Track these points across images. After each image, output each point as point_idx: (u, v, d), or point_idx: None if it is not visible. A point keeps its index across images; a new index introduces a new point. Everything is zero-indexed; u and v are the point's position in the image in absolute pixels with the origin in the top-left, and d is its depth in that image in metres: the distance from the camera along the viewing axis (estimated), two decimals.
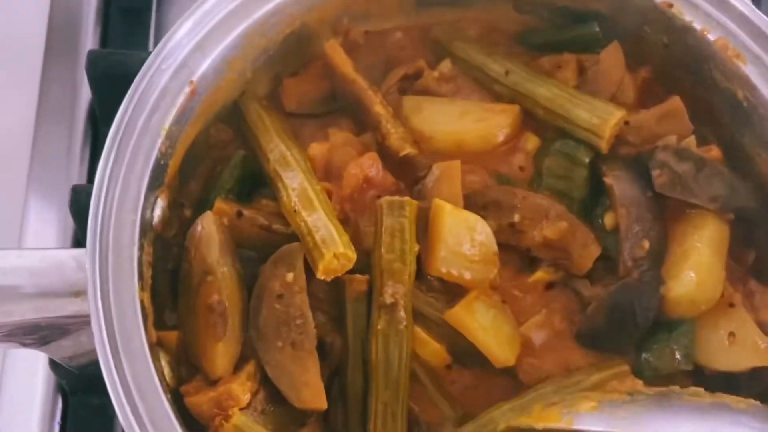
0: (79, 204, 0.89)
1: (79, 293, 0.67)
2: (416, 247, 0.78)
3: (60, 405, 0.91)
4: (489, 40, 0.92)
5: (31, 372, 0.91)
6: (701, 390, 0.68)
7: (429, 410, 0.76)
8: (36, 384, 0.90)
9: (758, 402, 0.68)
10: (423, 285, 0.80)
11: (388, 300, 0.74)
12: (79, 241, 0.97)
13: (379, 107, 0.85)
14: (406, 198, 0.79)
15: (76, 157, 1.03)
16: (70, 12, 1.09)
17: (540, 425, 0.67)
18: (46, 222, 0.98)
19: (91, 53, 0.97)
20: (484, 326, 0.77)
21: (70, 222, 0.97)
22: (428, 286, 0.80)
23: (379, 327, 0.74)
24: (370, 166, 0.81)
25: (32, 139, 1.04)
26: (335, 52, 0.87)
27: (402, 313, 0.74)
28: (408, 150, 0.83)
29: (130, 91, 0.72)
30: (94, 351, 0.65)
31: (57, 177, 1.02)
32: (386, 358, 0.73)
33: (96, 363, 0.65)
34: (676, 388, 0.68)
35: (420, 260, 0.80)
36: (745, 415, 0.64)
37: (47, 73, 1.06)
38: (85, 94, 1.05)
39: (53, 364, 0.86)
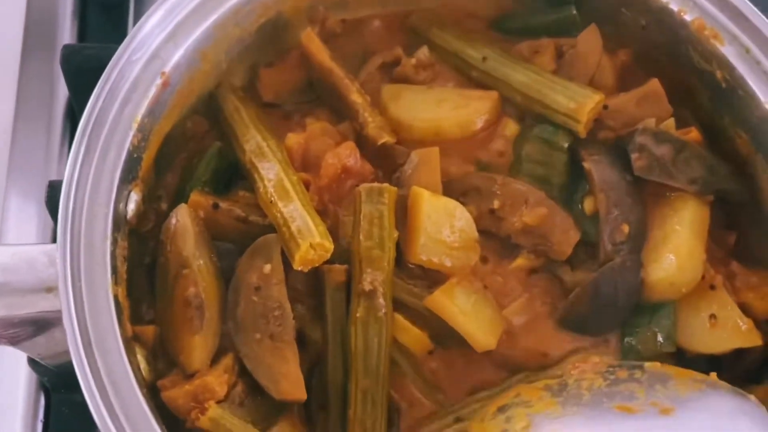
0: (55, 200, 0.87)
1: (51, 289, 0.67)
2: (395, 234, 0.77)
3: (43, 403, 0.90)
4: (466, 26, 0.91)
5: (13, 370, 0.90)
6: (650, 370, 0.66)
7: (409, 398, 0.76)
8: (18, 382, 0.90)
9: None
10: (403, 273, 0.79)
11: (367, 287, 0.74)
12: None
13: (356, 96, 0.84)
14: (385, 185, 0.78)
15: (54, 153, 1.02)
16: (48, 7, 1.08)
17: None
18: (26, 218, 0.97)
19: (65, 48, 0.96)
20: (465, 311, 0.76)
21: (50, 218, 0.96)
22: (409, 274, 0.80)
23: (358, 315, 0.74)
24: (348, 155, 0.81)
25: (11, 135, 1.03)
26: (311, 41, 0.86)
27: (381, 300, 0.74)
28: (386, 138, 0.83)
29: (100, 83, 0.71)
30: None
31: (36, 173, 1.01)
32: (366, 345, 0.73)
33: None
34: (623, 372, 0.66)
35: (400, 248, 0.79)
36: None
37: (25, 68, 1.05)
38: (63, 89, 1.04)
39: (32, 362, 0.85)
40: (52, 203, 0.88)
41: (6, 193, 1.00)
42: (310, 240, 0.72)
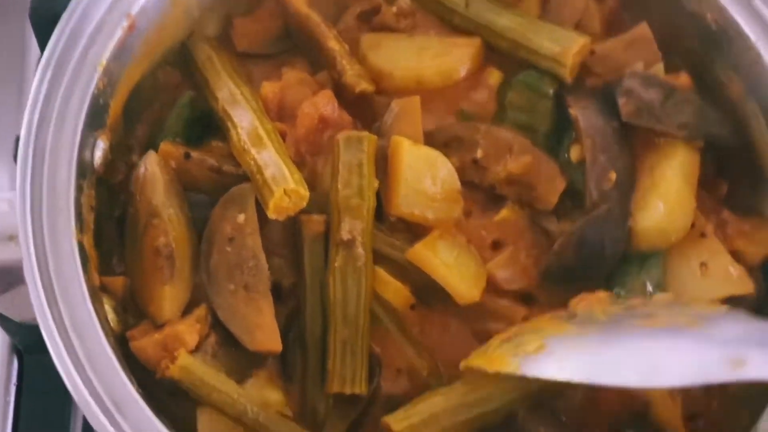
0: None
1: (13, 237, 0.64)
2: (375, 184, 0.75)
3: (16, 366, 0.88)
4: None
5: None
6: (662, 300, 0.62)
7: (392, 353, 0.73)
8: None
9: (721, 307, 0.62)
10: (385, 226, 0.77)
11: (345, 236, 0.71)
12: None
13: (333, 43, 0.82)
14: (365, 132, 0.76)
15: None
16: None
17: (492, 370, 0.62)
18: None
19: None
20: (447, 263, 0.74)
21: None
22: (390, 228, 0.77)
23: (336, 264, 0.71)
24: (326, 104, 0.78)
25: None
26: None
27: (360, 250, 0.71)
28: (364, 86, 0.80)
29: (60, 22, 0.69)
30: None
31: (6, 131, 0.98)
32: (344, 295, 0.70)
33: None
34: (638, 302, 0.61)
35: (381, 201, 0.77)
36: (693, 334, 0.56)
37: None
38: (35, 51, 1.01)
39: (1, 319, 0.82)
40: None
41: None
42: (285, 186, 0.69)
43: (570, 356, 0.57)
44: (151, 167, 0.72)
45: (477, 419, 0.68)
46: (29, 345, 0.86)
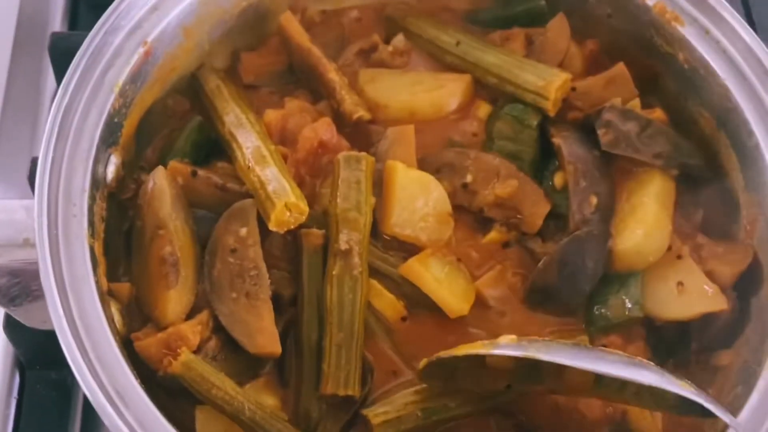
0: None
1: (28, 240, 0.68)
2: (372, 200, 0.79)
3: (17, 380, 0.90)
4: (440, 18, 0.95)
5: None
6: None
7: (382, 359, 0.76)
8: None
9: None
10: (379, 244, 0.81)
11: (343, 246, 0.75)
12: None
13: (333, 75, 0.87)
14: (363, 153, 0.81)
15: (40, 142, 1.04)
16: (39, 4, 1.12)
17: (461, 352, 0.68)
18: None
19: (54, 35, 1.00)
20: (438, 278, 0.78)
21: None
22: (385, 246, 0.81)
23: (334, 273, 0.75)
24: (325, 130, 0.83)
25: None
26: (290, 23, 0.89)
27: (356, 260, 0.75)
28: (361, 113, 0.85)
29: (83, 46, 0.74)
30: None
31: (21, 164, 1.03)
32: (340, 301, 0.74)
33: None
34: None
35: (376, 220, 0.81)
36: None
37: (15, 61, 1.08)
38: (51, 82, 1.07)
39: (8, 329, 0.85)
40: (33, 179, 0.90)
41: None
42: (286, 200, 0.74)
43: (535, 344, 0.68)
44: (159, 181, 0.76)
45: (450, 418, 0.71)
46: (32, 357, 0.89)
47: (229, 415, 0.68)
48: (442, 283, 0.78)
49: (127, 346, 0.70)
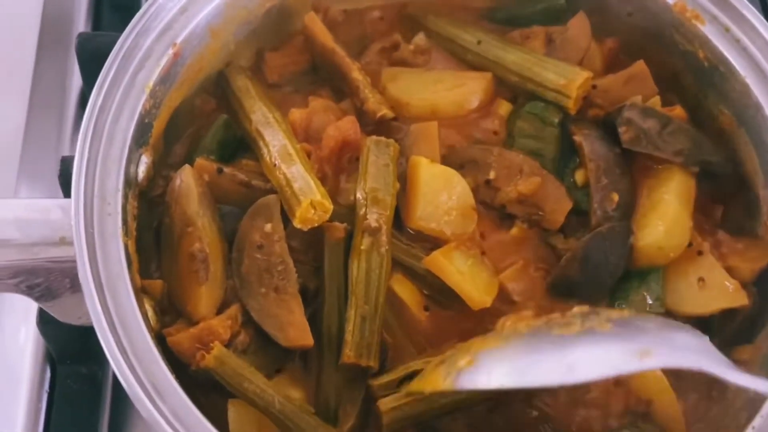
0: (67, 174, 0.91)
1: (64, 239, 0.70)
2: (397, 185, 0.81)
3: (48, 374, 0.92)
4: (459, 17, 0.96)
5: (20, 343, 0.92)
6: (578, 311, 0.67)
7: (398, 342, 0.78)
8: (25, 354, 0.92)
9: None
10: (404, 237, 0.82)
11: (373, 224, 0.77)
12: None
13: (357, 74, 0.89)
14: (391, 139, 0.83)
15: (66, 142, 1.06)
16: (63, 5, 1.13)
17: (427, 391, 0.68)
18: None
19: (80, 35, 1.01)
20: (462, 271, 0.79)
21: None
22: (409, 239, 0.82)
23: (362, 247, 0.76)
24: (349, 128, 0.84)
25: (24, 126, 1.07)
26: (314, 23, 0.91)
27: (384, 238, 0.77)
28: (384, 111, 0.86)
29: (115, 49, 0.76)
30: None
31: (47, 161, 1.05)
32: (367, 276, 0.76)
33: None
34: (556, 315, 0.66)
35: (400, 216, 0.82)
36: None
37: (41, 61, 1.10)
38: (76, 81, 1.09)
39: (41, 325, 0.87)
40: (64, 177, 0.92)
41: (17, 182, 1.04)
42: (312, 197, 0.75)
43: (496, 366, 0.63)
44: (186, 179, 0.78)
45: (459, 402, 0.73)
46: (63, 352, 0.91)
47: (260, 408, 0.69)
48: (465, 275, 0.79)
49: (160, 341, 0.71)
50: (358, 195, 0.79)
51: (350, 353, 0.73)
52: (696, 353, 0.62)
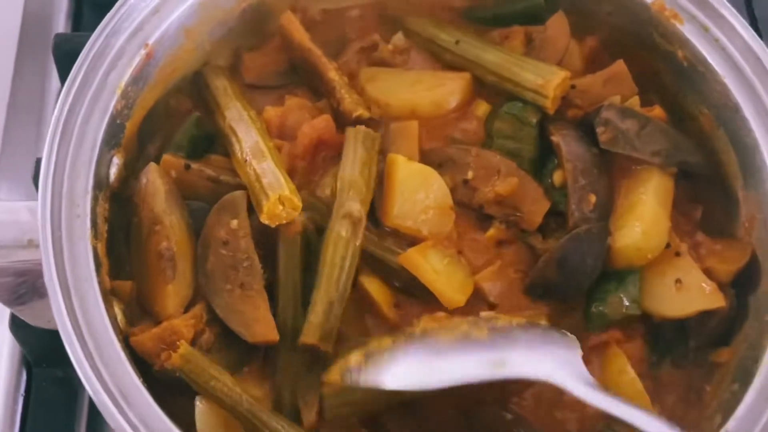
0: None
1: (32, 241, 0.69)
2: (375, 175, 0.82)
3: (24, 377, 0.91)
4: (439, 17, 0.95)
5: None
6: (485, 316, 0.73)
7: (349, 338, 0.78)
8: (0, 356, 0.91)
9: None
10: (379, 233, 0.81)
11: (355, 213, 0.77)
12: None
13: (333, 74, 0.88)
14: (371, 130, 0.83)
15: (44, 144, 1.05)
16: (43, 5, 1.12)
17: (327, 383, 0.71)
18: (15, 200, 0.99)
19: (57, 36, 1.00)
20: (437, 269, 0.78)
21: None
22: (384, 235, 0.82)
23: (342, 234, 0.76)
24: (324, 127, 0.84)
25: (3, 127, 1.06)
26: (291, 23, 0.90)
27: (362, 226, 0.77)
28: (360, 111, 0.86)
29: (85, 49, 0.75)
30: None
31: (26, 166, 1.04)
32: (341, 263, 0.75)
33: None
34: (467, 319, 0.73)
35: (376, 214, 0.82)
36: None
37: (20, 62, 1.09)
38: (55, 83, 1.09)
39: (14, 328, 0.87)
40: (38, 180, 0.91)
41: None
42: (280, 192, 0.75)
43: (379, 367, 0.69)
44: (152, 177, 0.77)
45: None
46: (38, 355, 0.90)
47: (227, 407, 0.69)
48: (441, 274, 0.79)
49: (129, 344, 0.71)
50: (339, 183, 0.79)
51: (313, 334, 0.72)
52: (554, 366, 0.69)
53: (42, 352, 0.90)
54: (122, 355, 0.66)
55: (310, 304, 0.74)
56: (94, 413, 0.91)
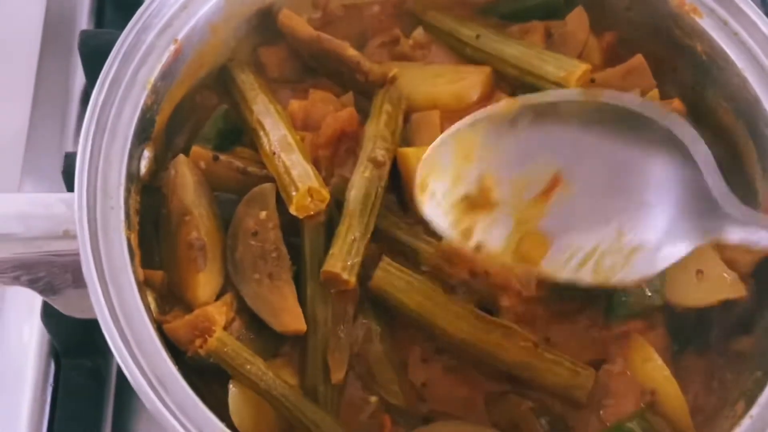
0: (71, 170, 0.92)
1: (67, 232, 0.70)
2: (399, 131, 0.85)
3: (53, 368, 0.93)
4: (458, 12, 0.96)
5: (24, 337, 0.93)
6: None
7: None
8: (29, 347, 0.93)
9: None
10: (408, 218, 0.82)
11: (380, 158, 0.80)
12: None
13: (352, 51, 0.88)
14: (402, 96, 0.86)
15: (69, 138, 1.07)
16: (67, 2, 1.14)
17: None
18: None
19: (83, 32, 1.02)
20: None
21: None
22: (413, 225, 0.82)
23: (365, 175, 0.79)
24: (347, 119, 0.85)
25: (28, 123, 1.08)
26: (290, 19, 0.89)
27: (386, 171, 0.80)
28: (395, 71, 0.87)
29: (116, 45, 0.76)
30: None
31: (51, 160, 1.05)
32: (365, 199, 0.78)
33: None
34: None
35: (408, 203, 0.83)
36: None
37: (44, 60, 1.11)
38: (80, 79, 1.10)
39: (45, 318, 0.88)
40: (68, 173, 0.93)
41: (21, 180, 1.05)
42: (309, 184, 0.76)
43: None
44: (181, 169, 0.78)
45: None
46: (67, 346, 0.92)
47: (260, 391, 0.70)
48: None
49: (161, 332, 0.72)
50: (368, 132, 0.82)
51: (335, 263, 0.73)
52: None
53: (71, 343, 0.91)
54: (158, 343, 0.67)
55: (333, 237, 0.76)
56: (122, 403, 0.93)
